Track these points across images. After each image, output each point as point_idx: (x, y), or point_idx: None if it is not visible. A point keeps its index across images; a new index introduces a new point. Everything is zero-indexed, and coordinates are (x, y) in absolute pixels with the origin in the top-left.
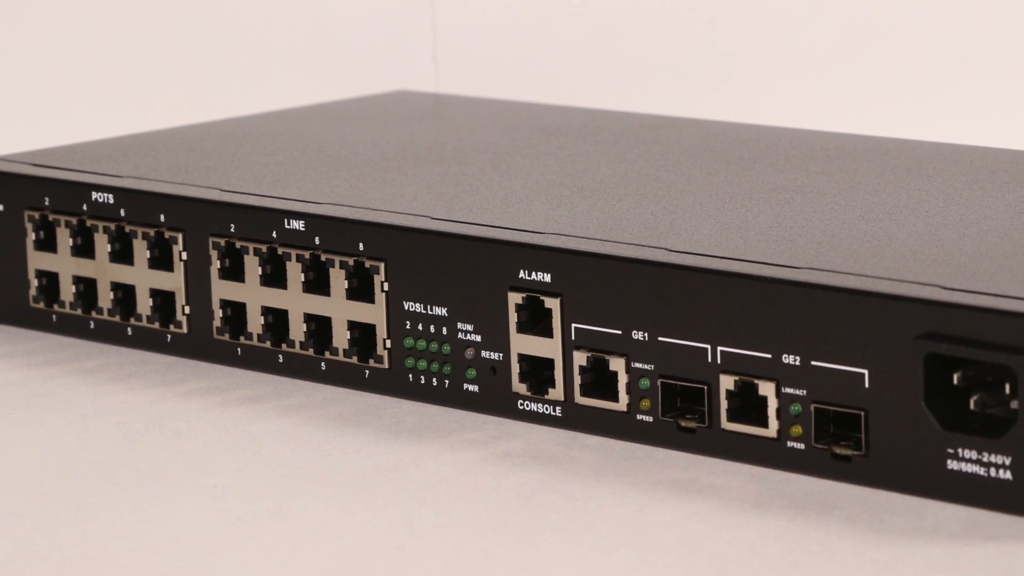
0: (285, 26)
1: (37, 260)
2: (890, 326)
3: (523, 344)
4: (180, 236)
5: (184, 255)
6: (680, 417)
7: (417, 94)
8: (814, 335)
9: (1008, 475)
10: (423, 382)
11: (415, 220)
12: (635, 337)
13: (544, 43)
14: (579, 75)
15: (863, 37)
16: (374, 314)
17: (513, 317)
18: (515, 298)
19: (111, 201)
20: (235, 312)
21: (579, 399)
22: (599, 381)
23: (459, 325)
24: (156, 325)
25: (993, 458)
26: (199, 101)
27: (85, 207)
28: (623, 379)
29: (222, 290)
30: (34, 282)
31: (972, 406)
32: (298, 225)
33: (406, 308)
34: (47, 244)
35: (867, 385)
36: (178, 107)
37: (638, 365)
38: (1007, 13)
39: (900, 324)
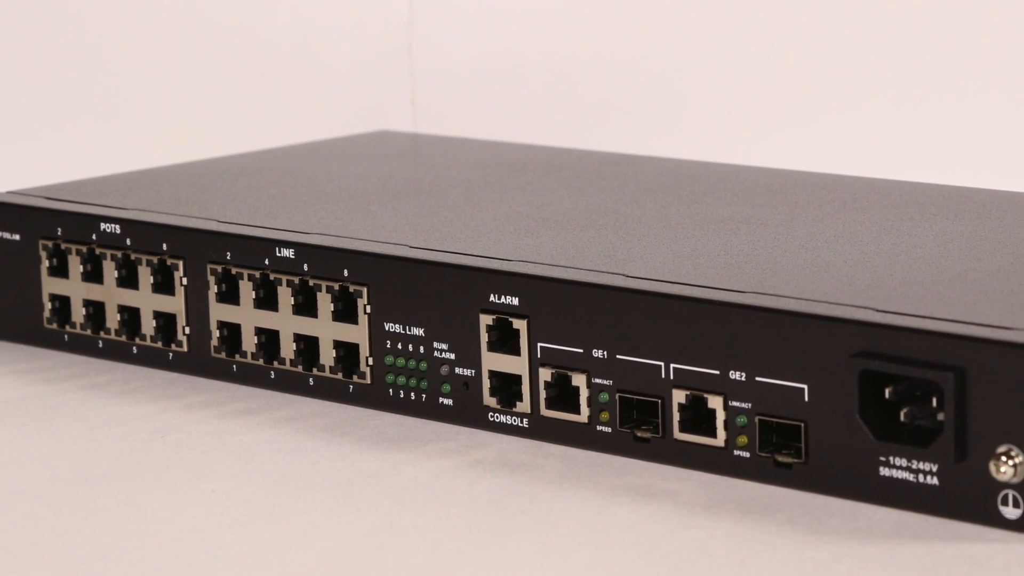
0: (277, 73)
1: (50, 285)
2: (827, 345)
3: (493, 361)
4: (181, 263)
5: (184, 280)
6: (636, 428)
7: (397, 134)
8: (758, 353)
9: (935, 481)
10: (402, 396)
11: (395, 248)
12: (595, 355)
13: (513, 87)
14: (545, 116)
15: (803, 83)
16: (357, 334)
17: (484, 337)
18: (486, 319)
19: (118, 231)
20: (231, 332)
21: (544, 412)
22: (562, 395)
23: (435, 344)
24: (159, 344)
25: (921, 465)
26: (198, 140)
27: (94, 237)
28: (584, 393)
29: (219, 312)
30: (48, 305)
31: (902, 418)
32: (288, 253)
33: (387, 329)
34: (59, 270)
35: (806, 399)
36: (179, 146)
37: (598, 380)
38: (932, 63)
39: (836, 343)
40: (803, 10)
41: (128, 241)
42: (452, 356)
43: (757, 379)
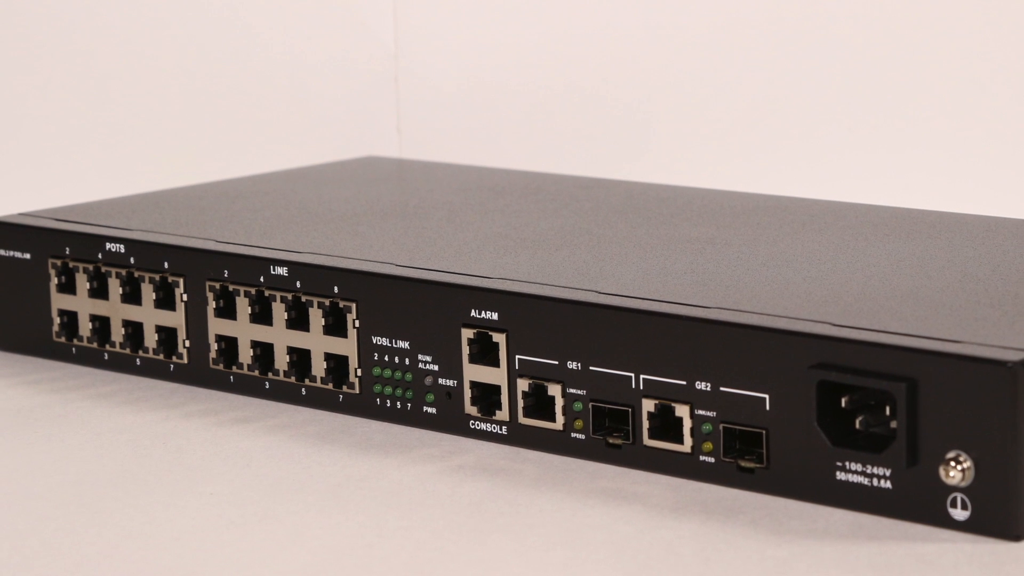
0: (270, 102)
1: (59, 301)
2: (787, 357)
3: (474, 372)
4: (181, 280)
5: (185, 297)
6: (608, 435)
7: (383, 159)
8: (722, 365)
9: (888, 484)
10: (389, 405)
11: (382, 267)
12: (570, 367)
13: (492, 116)
14: (522, 143)
15: (764, 113)
16: (347, 347)
17: (466, 349)
18: (467, 333)
19: (122, 250)
20: (228, 345)
21: (522, 420)
22: (539, 404)
23: (420, 356)
24: (161, 356)
25: (875, 470)
26: (197, 165)
27: (100, 255)
28: (560, 402)
29: (217, 327)
30: (56, 320)
31: (858, 426)
32: (282, 271)
33: (374, 342)
34: (68, 287)
35: (768, 408)
36: (179, 170)
37: (572, 391)
38: (884, 94)
39: (796, 355)
40: (763, 45)
41: (132, 260)
42: (436, 368)
43: (721, 389)
